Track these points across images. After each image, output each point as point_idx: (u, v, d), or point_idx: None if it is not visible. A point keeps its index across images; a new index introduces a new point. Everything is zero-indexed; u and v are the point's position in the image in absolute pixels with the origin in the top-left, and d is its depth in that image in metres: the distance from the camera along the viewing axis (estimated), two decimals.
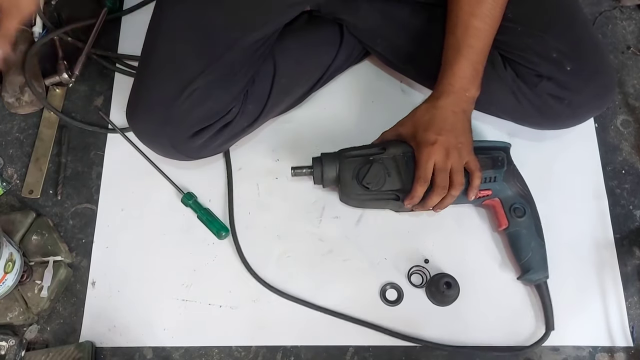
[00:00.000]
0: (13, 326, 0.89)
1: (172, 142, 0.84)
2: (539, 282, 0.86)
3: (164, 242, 0.94)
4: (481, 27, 0.79)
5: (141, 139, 0.87)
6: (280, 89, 0.91)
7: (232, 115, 0.86)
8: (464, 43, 0.79)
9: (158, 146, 0.87)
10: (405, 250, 0.91)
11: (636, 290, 0.89)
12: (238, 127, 0.88)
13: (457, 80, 0.80)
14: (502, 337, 0.86)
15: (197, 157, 0.90)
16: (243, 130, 0.90)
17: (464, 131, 0.82)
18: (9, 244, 0.83)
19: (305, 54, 0.93)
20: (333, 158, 0.88)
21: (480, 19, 0.78)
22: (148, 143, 0.88)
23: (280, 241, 0.93)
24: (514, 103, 0.87)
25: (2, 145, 1.03)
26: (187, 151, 0.87)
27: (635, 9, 1.10)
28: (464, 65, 0.80)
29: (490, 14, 0.79)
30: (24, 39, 1.05)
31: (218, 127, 0.85)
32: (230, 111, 0.85)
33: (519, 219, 0.86)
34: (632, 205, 0.95)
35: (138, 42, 1.07)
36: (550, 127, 0.93)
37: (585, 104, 0.87)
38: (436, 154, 0.80)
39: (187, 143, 0.84)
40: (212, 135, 0.85)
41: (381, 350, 0.87)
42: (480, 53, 0.80)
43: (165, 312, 0.90)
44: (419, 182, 0.81)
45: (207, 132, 0.85)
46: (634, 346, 0.86)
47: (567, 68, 0.84)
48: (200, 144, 0.85)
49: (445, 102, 0.81)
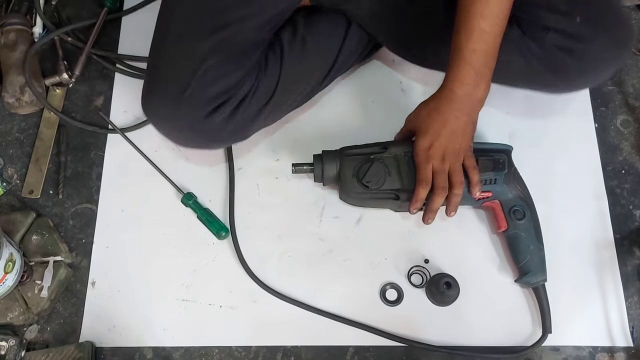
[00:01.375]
0: (13, 326, 0.89)
1: (189, 122, 0.81)
2: (537, 285, 0.86)
3: (164, 242, 0.94)
4: (488, 29, 0.75)
5: (158, 123, 0.84)
6: (292, 65, 0.88)
7: (244, 91, 0.83)
8: (467, 47, 0.76)
9: (175, 129, 0.84)
10: (405, 250, 0.91)
11: (636, 290, 0.89)
12: (253, 107, 0.85)
13: (459, 87, 0.78)
14: (501, 337, 0.87)
15: (216, 142, 0.88)
16: (260, 112, 0.87)
17: (463, 134, 0.82)
18: (9, 244, 0.83)
19: (314, 36, 0.90)
20: (334, 156, 0.88)
21: (488, 20, 0.74)
22: (164, 127, 0.84)
23: (280, 241, 0.93)
24: (523, 64, 0.85)
25: (2, 145, 1.03)
26: (206, 133, 0.84)
27: (635, 9, 1.10)
28: (465, 71, 0.77)
29: (499, 14, 0.75)
30: (24, 39, 1.05)
31: (233, 105, 0.82)
32: (244, 86, 0.83)
33: (519, 221, 0.86)
34: (632, 205, 0.95)
35: (138, 42, 1.09)
36: (566, 88, 0.90)
37: (598, 55, 0.83)
38: (433, 157, 0.82)
39: (204, 123, 0.82)
40: (228, 113, 0.83)
41: (381, 350, 0.87)
42: (485, 56, 0.77)
43: (165, 312, 0.90)
44: (421, 184, 0.82)
45: (223, 110, 0.82)
46: (634, 346, 0.86)
47: (577, 19, 0.80)
48: (218, 123, 0.82)
49: (448, 108, 0.80)
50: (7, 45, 1.04)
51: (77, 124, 1.02)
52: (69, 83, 1.04)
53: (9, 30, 1.05)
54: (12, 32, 1.05)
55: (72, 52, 1.07)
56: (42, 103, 1.02)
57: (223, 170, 0.98)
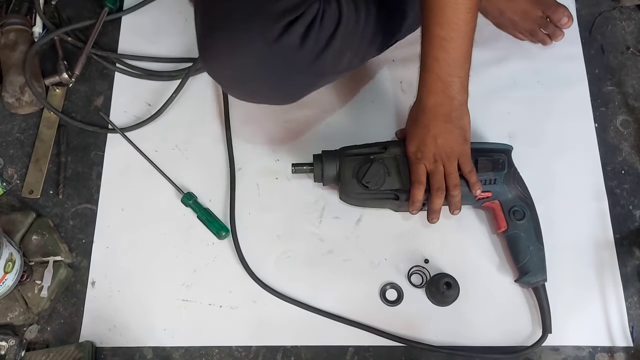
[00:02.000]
0: (13, 326, 0.89)
1: (259, 48, 0.73)
2: (537, 285, 0.86)
3: (164, 242, 0.94)
4: (447, 36, 0.72)
5: (221, 63, 0.76)
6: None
7: (313, 10, 0.75)
8: (430, 56, 0.75)
9: (242, 67, 0.76)
10: (405, 250, 0.91)
11: (636, 290, 0.89)
12: (324, 31, 0.76)
13: (428, 97, 0.78)
14: (501, 337, 0.86)
15: (288, 80, 0.80)
16: (331, 40, 0.77)
17: (452, 138, 0.81)
18: (9, 244, 0.83)
19: None
20: (334, 156, 0.88)
21: (445, 26, 0.72)
22: (229, 66, 0.76)
23: (280, 241, 0.93)
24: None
25: (2, 145, 1.03)
26: (276, 63, 0.75)
27: (635, 9, 1.10)
28: (431, 80, 0.76)
29: (457, 22, 0.72)
30: (24, 39, 1.05)
31: (304, 25, 0.74)
32: (312, 6, 0.75)
33: (518, 221, 0.86)
34: (632, 205, 0.95)
35: (138, 42, 1.08)
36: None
37: None
38: (423, 159, 0.83)
39: (275, 48, 0.73)
40: (302, 34, 0.74)
41: (381, 350, 0.87)
42: (449, 65, 0.75)
43: (165, 312, 0.90)
44: (414, 185, 0.84)
45: (296, 28, 0.73)
46: (634, 346, 0.86)
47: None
48: (292, 44, 0.74)
49: (425, 118, 0.80)
50: (7, 45, 1.04)
51: (77, 124, 1.02)
52: (68, 83, 1.04)
53: (9, 30, 1.05)
54: (12, 32, 1.05)
55: (72, 52, 1.07)
56: (42, 103, 1.02)
57: (223, 170, 0.98)
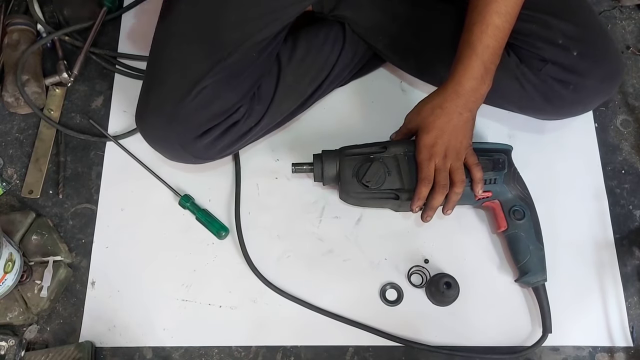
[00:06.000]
0: (13, 326, 0.89)
1: (180, 141, 0.83)
2: (537, 285, 0.86)
3: (164, 242, 0.94)
4: (501, 26, 0.76)
5: (150, 140, 0.86)
6: (285, 87, 0.90)
7: (240, 114, 0.85)
8: (481, 42, 0.77)
9: (166, 147, 0.86)
10: (405, 250, 0.91)
11: (636, 290, 0.89)
12: (245, 126, 0.87)
13: (467, 81, 0.79)
14: (501, 337, 0.87)
15: (203, 159, 0.89)
16: (250, 131, 0.89)
17: (465, 131, 0.82)
18: (8, 244, 0.83)
19: (310, 52, 0.92)
20: (334, 155, 0.88)
21: (503, 17, 0.76)
22: (156, 144, 0.87)
23: (280, 241, 0.93)
24: (518, 89, 0.87)
25: (2, 145, 1.03)
26: (195, 151, 0.86)
27: (635, 9, 1.10)
28: (477, 65, 0.78)
29: (513, 12, 0.77)
30: (27, 39, 1.05)
31: (225, 127, 0.85)
32: (238, 110, 0.85)
33: (518, 221, 0.86)
34: (632, 205, 0.95)
35: (138, 41, 1.09)
36: (556, 115, 0.92)
37: (592, 88, 0.86)
38: (435, 155, 0.81)
39: (194, 142, 0.84)
40: (219, 134, 0.85)
41: (381, 350, 0.87)
42: (495, 53, 0.78)
43: (165, 312, 0.90)
44: (423, 182, 0.82)
45: (214, 131, 0.84)
46: (634, 346, 0.86)
47: (574, 53, 0.82)
48: (207, 143, 0.85)
49: (453, 104, 0.80)
50: (10, 45, 1.04)
51: (70, 132, 1.01)
52: (68, 82, 1.04)
53: (13, 30, 1.05)
54: (16, 32, 1.05)
55: (73, 52, 1.07)
56: (32, 108, 1.00)
57: (223, 170, 0.98)
